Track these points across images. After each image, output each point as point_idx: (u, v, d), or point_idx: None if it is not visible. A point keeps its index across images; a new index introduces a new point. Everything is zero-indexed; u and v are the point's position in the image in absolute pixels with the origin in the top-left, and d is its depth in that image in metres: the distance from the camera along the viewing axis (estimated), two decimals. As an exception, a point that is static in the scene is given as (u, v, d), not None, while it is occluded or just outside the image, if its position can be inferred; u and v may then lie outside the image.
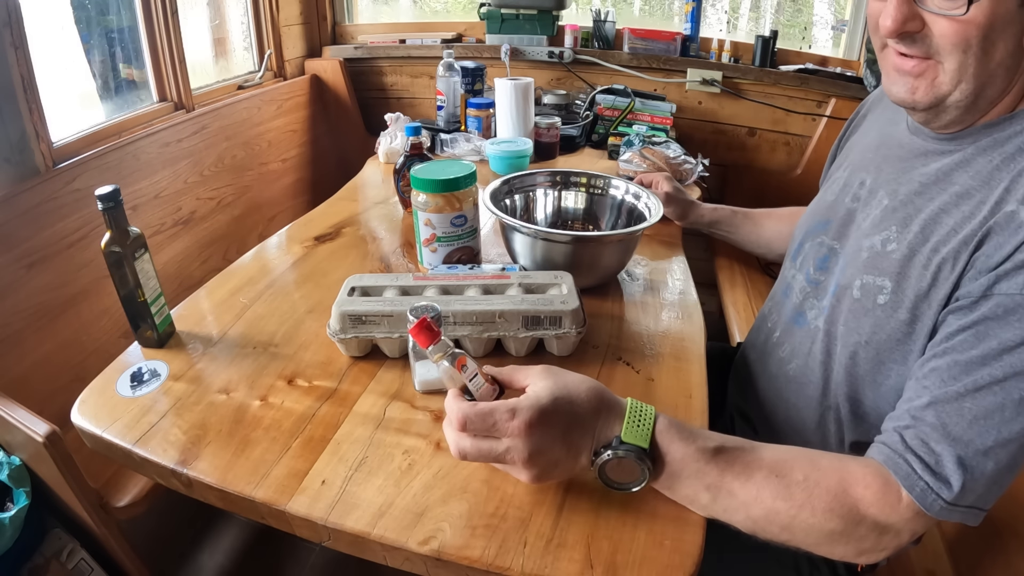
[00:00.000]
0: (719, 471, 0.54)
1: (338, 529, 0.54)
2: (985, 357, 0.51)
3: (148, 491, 1.02)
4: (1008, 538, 0.78)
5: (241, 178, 1.79)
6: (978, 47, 0.55)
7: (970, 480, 0.50)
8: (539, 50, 1.95)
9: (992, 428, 0.50)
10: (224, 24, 1.92)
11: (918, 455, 0.52)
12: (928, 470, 0.51)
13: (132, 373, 0.72)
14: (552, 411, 0.53)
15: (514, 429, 0.51)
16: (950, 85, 0.58)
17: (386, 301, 0.74)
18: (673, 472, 0.55)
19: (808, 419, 0.74)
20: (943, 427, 0.51)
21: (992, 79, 0.57)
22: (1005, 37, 0.54)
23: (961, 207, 0.58)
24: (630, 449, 0.53)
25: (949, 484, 0.50)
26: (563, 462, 0.54)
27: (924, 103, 0.60)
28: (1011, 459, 0.51)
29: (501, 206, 0.97)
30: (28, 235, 1.16)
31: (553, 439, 0.53)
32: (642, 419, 0.55)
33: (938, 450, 0.51)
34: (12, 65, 1.14)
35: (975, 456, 0.50)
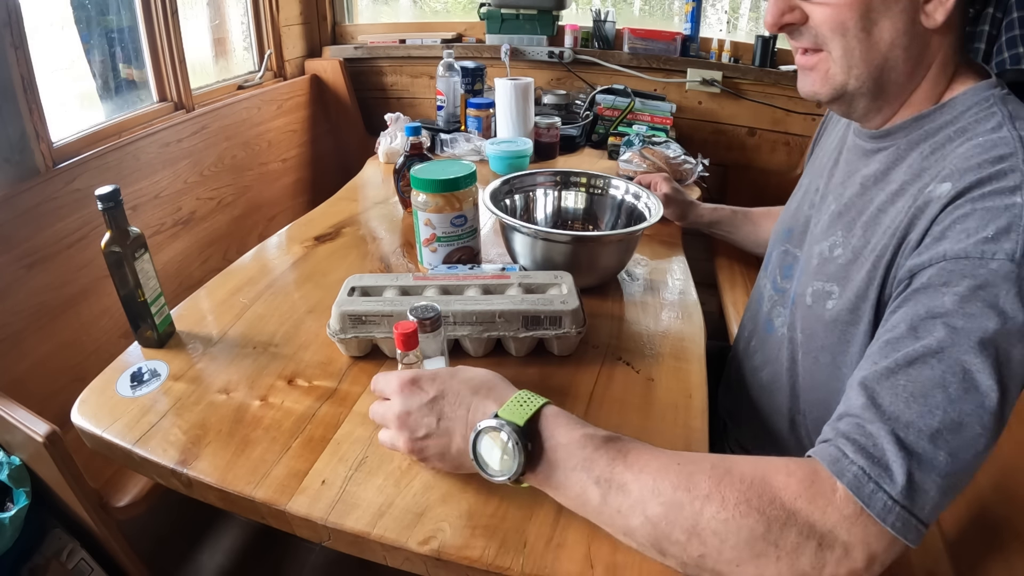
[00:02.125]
0: (609, 459, 0.46)
1: (338, 529, 0.54)
2: (915, 328, 0.45)
3: (148, 491, 1.02)
4: (1008, 538, 0.78)
5: (241, 178, 1.79)
6: (858, 29, 0.54)
7: (918, 471, 0.41)
8: (539, 50, 1.95)
9: (937, 408, 0.42)
10: (224, 24, 1.92)
11: (851, 438, 0.43)
12: (862, 452, 0.42)
13: (132, 373, 0.72)
14: (430, 378, 0.54)
15: (393, 387, 0.54)
16: (842, 73, 0.57)
17: (386, 301, 0.74)
18: (556, 461, 0.48)
19: (781, 427, 0.73)
20: (876, 407, 0.44)
21: (889, 62, 0.55)
22: (889, 16, 0.53)
23: (896, 204, 0.57)
24: (504, 424, 0.47)
25: (890, 471, 0.41)
26: (435, 435, 0.52)
27: (825, 95, 0.59)
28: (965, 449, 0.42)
29: (501, 206, 0.97)
30: (28, 235, 1.15)
31: (421, 404, 0.52)
32: (527, 402, 0.50)
33: (872, 431, 0.43)
34: (12, 65, 1.14)
35: (919, 440, 0.42)
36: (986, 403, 0.42)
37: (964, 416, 0.42)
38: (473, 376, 0.54)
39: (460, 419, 0.52)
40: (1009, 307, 0.43)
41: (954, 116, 0.55)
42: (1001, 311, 0.43)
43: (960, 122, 0.55)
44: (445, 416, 0.52)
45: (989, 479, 0.86)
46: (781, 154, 1.97)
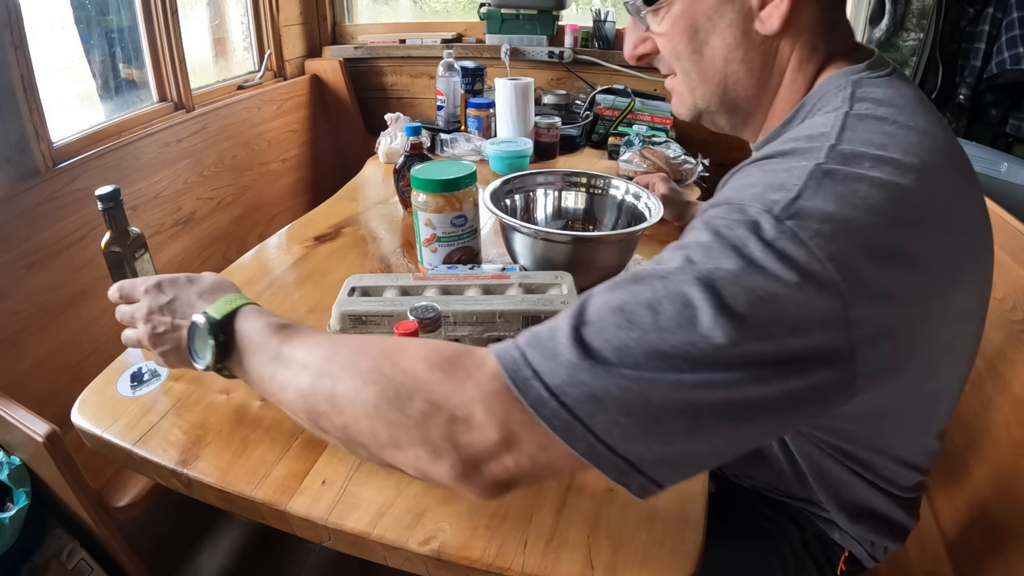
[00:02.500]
0: (280, 341, 0.49)
1: (338, 529, 0.54)
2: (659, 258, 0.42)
3: (148, 491, 1.02)
4: (1008, 538, 0.78)
5: (241, 178, 1.79)
6: (689, 51, 0.55)
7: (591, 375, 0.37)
8: (539, 50, 1.95)
9: (638, 327, 0.37)
10: (224, 24, 1.92)
11: (533, 330, 0.41)
12: (535, 342, 0.39)
13: (132, 373, 0.72)
14: (169, 283, 0.60)
15: (139, 290, 0.60)
16: (689, 94, 0.58)
17: (386, 301, 0.74)
18: (243, 348, 0.52)
19: None
20: (580, 312, 0.40)
21: (729, 77, 0.55)
22: (717, 32, 0.53)
23: None
24: (207, 317, 0.52)
25: (556, 355, 0.38)
26: (170, 333, 0.58)
27: (685, 115, 0.61)
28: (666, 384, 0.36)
29: (501, 206, 0.97)
30: (28, 235, 1.16)
31: (161, 305, 0.59)
32: (232, 300, 0.54)
33: (561, 326, 0.40)
34: (12, 65, 1.14)
35: (604, 347, 0.37)
36: (700, 343, 0.36)
37: (667, 346, 0.37)
38: (203, 281, 0.60)
39: (186, 317, 0.57)
40: (755, 253, 0.38)
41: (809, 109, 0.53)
42: (745, 255, 0.38)
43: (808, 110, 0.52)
44: (177, 315, 0.58)
45: (989, 479, 0.86)
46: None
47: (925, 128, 0.45)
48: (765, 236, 0.38)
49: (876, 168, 0.41)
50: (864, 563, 0.69)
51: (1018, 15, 1.41)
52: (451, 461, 0.40)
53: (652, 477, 0.38)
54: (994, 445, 0.86)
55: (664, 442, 0.37)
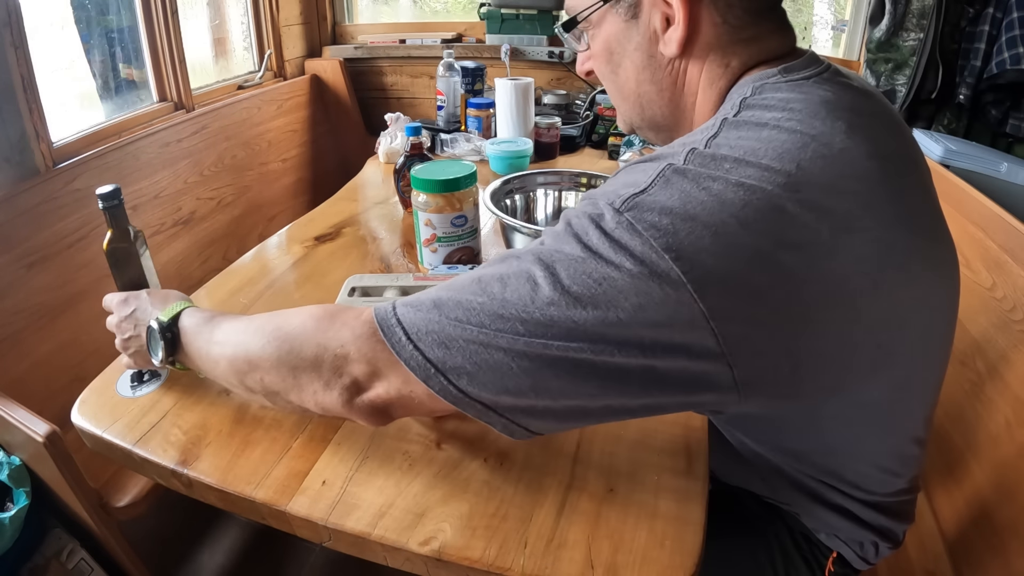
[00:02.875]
0: (212, 327, 0.59)
1: (338, 529, 0.54)
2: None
3: (148, 491, 1.02)
4: (1008, 538, 0.78)
5: (241, 178, 1.79)
6: (608, 72, 0.58)
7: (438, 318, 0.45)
8: (539, 50, 1.95)
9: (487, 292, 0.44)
10: (224, 24, 1.92)
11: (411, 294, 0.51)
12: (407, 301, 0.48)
13: (132, 373, 0.72)
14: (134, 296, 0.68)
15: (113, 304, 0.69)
16: (620, 112, 0.62)
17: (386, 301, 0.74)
18: (186, 341, 0.61)
19: None
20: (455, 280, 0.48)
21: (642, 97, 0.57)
22: (627, 56, 0.55)
23: None
24: (157, 320, 0.62)
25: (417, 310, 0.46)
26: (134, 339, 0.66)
27: (625, 130, 0.65)
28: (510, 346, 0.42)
29: (501, 206, 0.97)
30: (28, 235, 1.15)
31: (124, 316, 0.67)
32: (177, 305, 0.63)
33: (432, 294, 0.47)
34: (12, 65, 1.14)
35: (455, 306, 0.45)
36: (534, 303, 0.42)
37: (506, 308, 0.43)
38: (158, 294, 0.69)
39: (144, 324, 0.65)
40: (593, 240, 0.42)
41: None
42: (584, 242, 0.42)
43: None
44: (139, 323, 0.66)
45: (989, 479, 0.86)
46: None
47: (817, 133, 0.44)
48: (605, 226, 0.42)
49: (736, 171, 0.41)
50: (854, 564, 0.68)
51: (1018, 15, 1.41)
52: (338, 390, 0.50)
53: (514, 420, 0.46)
54: (994, 445, 0.86)
55: (511, 393, 0.44)
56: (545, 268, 0.43)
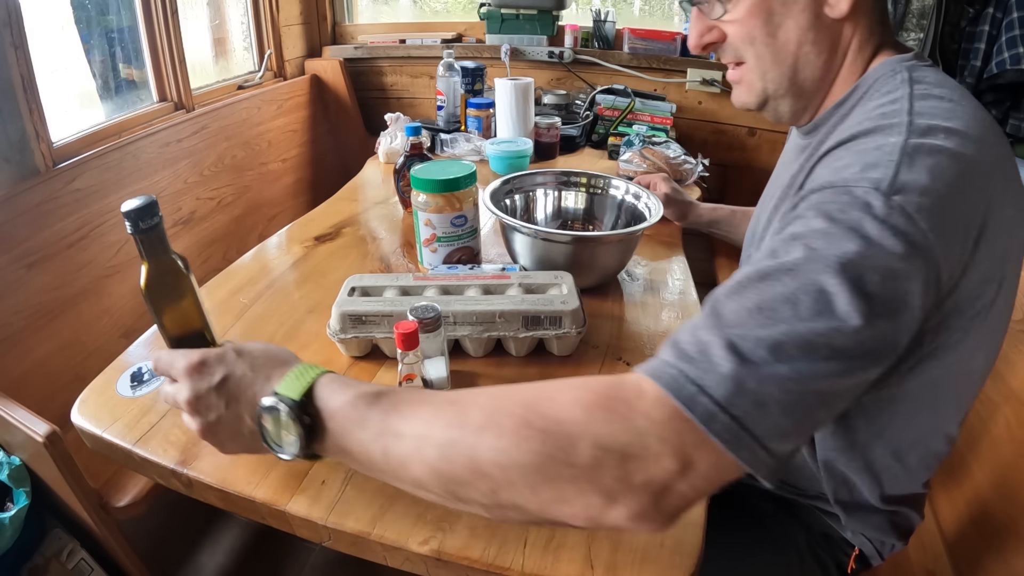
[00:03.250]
0: (383, 413, 0.44)
1: (338, 529, 0.54)
2: (775, 250, 0.43)
3: (148, 491, 1.02)
4: (1008, 538, 0.78)
5: (241, 178, 1.79)
6: (764, 35, 0.57)
7: (752, 379, 0.37)
8: (539, 50, 1.95)
9: (782, 322, 0.38)
10: (224, 24, 1.92)
11: (677, 346, 0.40)
12: (686, 357, 0.39)
13: (132, 373, 0.72)
14: (215, 359, 0.50)
15: (181, 368, 0.50)
16: (760, 80, 0.60)
17: (386, 301, 0.74)
18: (335, 428, 0.45)
19: None
20: (716, 316, 0.40)
21: (800, 60, 0.58)
22: (791, 16, 0.56)
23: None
24: (282, 399, 0.45)
25: (716, 373, 0.37)
26: (226, 418, 0.50)
27: (752, 104, 0.63)
28: (818, 372, 0.37)
29: (501, 206, 0.97)
30: (28, 235, 1.15)
31: (209, 387, 0.49)
32: (303, 374, 0.48)
33: (705, 338, 0.39)
34: (12, 65, 1.14)
35: (756, 348, 0.38)
36: (842, 327, 0.38)
37: (815, 335, 0.38)
38: (258, 353, 0.51)
39: (248, 400, 0.49)
40: (872, 232, 0.40)
41: (865, 90, 0.56)
42: (863, 235, 0.40)
43: (864, 91, 0.56)
44: (233, 398, 0.49)
45: (989, 479, 0.86)
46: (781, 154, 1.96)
47: (976, 106, 0.50)
48: (877, 214, 0.41)
49: (948, 139, 0.45)
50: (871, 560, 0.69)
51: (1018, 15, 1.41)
52: (628, 502, 0.37)
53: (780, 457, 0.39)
54: (994, 445, 0.86)
55: (804, 430, 0.40)
56: (836, 274, 0.39)
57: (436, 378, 0.68)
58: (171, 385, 0.52)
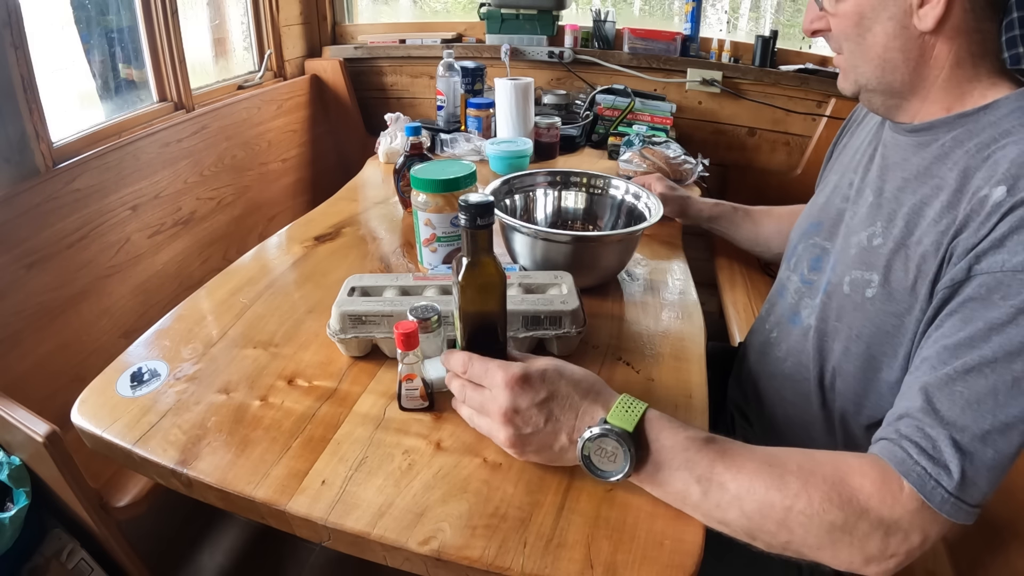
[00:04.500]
0: (709, 461, 0.52)
1: (338, 529, 0.54)
2: (973, 339, 0.50)
3: (148, 491, 1.02)
4: (1008, 538, 0.78)
5: (241, 178, 1.79)
6: (854, 34, 0.62)
7: (970, 467, 0.48)
8: (539, 50, 1.95)
9: (987, 412, 0.48)
10: (224, 24, 1.92)
11: (913, 441, 0.50)
12: (925, 455, 0.49)
13: (132, 373, 0.72)
14: (538, 377, 0.55)
15: (499, 380, 0.55)
16: (852, 72, 0.65)
17: (386, 301, 0.74)
18: (660, 461, 0.53)
19: (807, 416, 0.74)
20: (936, 412, 0.49)
21: (887, 63, 0.62)
22: (879, 22, 0.60)
23: (940, 198, 0.58)
24: (612, 430, 0.52)
25: (948, 470, 0.48)
26: (541, 433, 0.55)
27: (848, 90, 0.67)
28: (1009, 446, 0.48)
29: (501, 206, 0.97)
30: (28, 235, 1.16)
31: (533, 403, 0.54)
32: (632, 407, 0.54)
33: (933, 435, 0.49)
34: (12, 65, 1.14)
35: (972, 442, 0.48)
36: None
37: (1011, 418, 0.47)
38: (579, 378, 0.57)
39: (568, 421, 0.55)
40: None
41: (997, 118, 0.57)
42: None
43: (1004, 124, 0.56)
44: (554, 417, 0.54)
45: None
46: (781, 154, 1.97)
47: None
48: None
49: None
50: None
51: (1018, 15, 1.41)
52: (880, 563, 0.49)
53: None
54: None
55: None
56: None
57: (436, 378, 0.68)
58: (477, 391, 0.58)
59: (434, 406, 0.67)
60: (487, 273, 0.58)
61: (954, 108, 0.61)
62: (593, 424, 0.53)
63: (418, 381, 0.65)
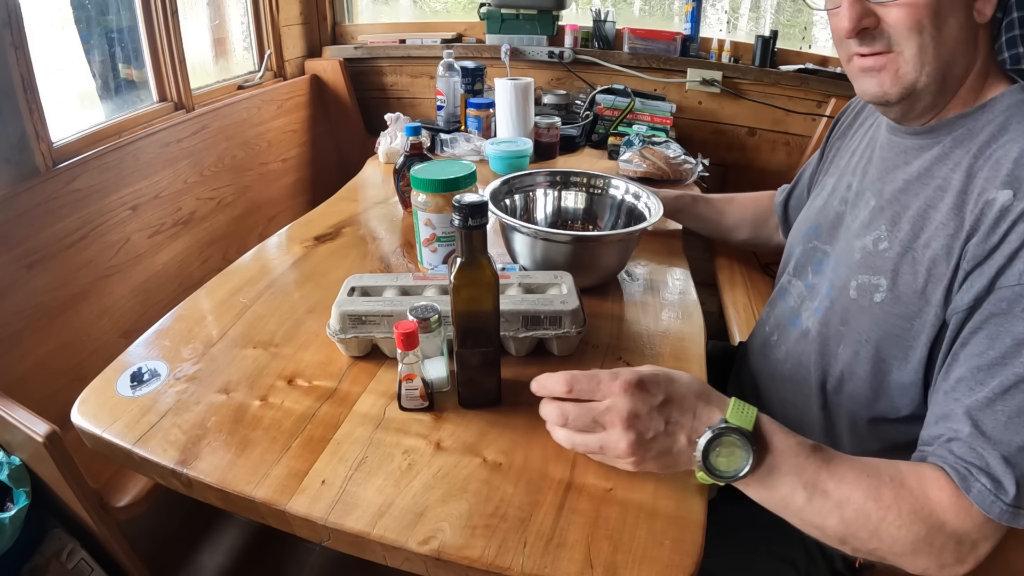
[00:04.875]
0: (816, 467, 0.53)
1: (338, 529, 0.54)
2: (1004, 356, 0.51)
3: (148, 491, 1.02)
4: (1008, 538, 0.78)
5: (241, 178, 1.79)
6: (931, 26, 0.56)
7: (1022, 478, 0.50)
8: (539, 50, 1.95)
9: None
10: (224, 24, 1.92)
11: (969, 461, 0.52)
12: (983, 472, 0.51)
13: (132, 373, 0.72)
14: (652, 381, 0.54)
15: (616, 387, 0.53)
16: (915, 71, 0.59)
17: (386, 301, 0.74)
18: (774, 464, 0.53)
19: (806, 418, 0.74)
20: (983, 435, 0.51)
21: (954, 57, 0.58)
22: (955, 12, 0.56)
23: (945, 200, 0.58)
24: (735, 429, 0.52)
25: (1002, 484, 0.50)
26: (661, 438, 0.54)
27: (895, 95, 0.61)
28: None
29: (501, 206, 0.97)
30: (28, 235, 1.16)
31: (651, 407, 0.53)
32: (745, 409, 0.54)
33: (985, 454, 0.51)
34: (12, 65, 1.14)
35: (1019, 453, 0.50)
36: None
37: None
38: (688, 380, 0.56)
39: (687, 422, 0.54)
40: None
41: (995, 115, 0.57)
42: None
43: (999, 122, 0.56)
44: (672, 420, 0.54)
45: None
46: (781, 154, 1.97)
47: None
48: None
49: None
50: None
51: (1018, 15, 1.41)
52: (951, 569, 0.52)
53: None
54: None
55: None
56: None
57: (436, 378, 0.68)
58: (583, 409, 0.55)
59: (434, 406, 0.67)
60: (481, 273, 0.58)
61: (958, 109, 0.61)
62: (712, 424, 0.53)
63: (418, 381, 0.65)
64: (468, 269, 0.58)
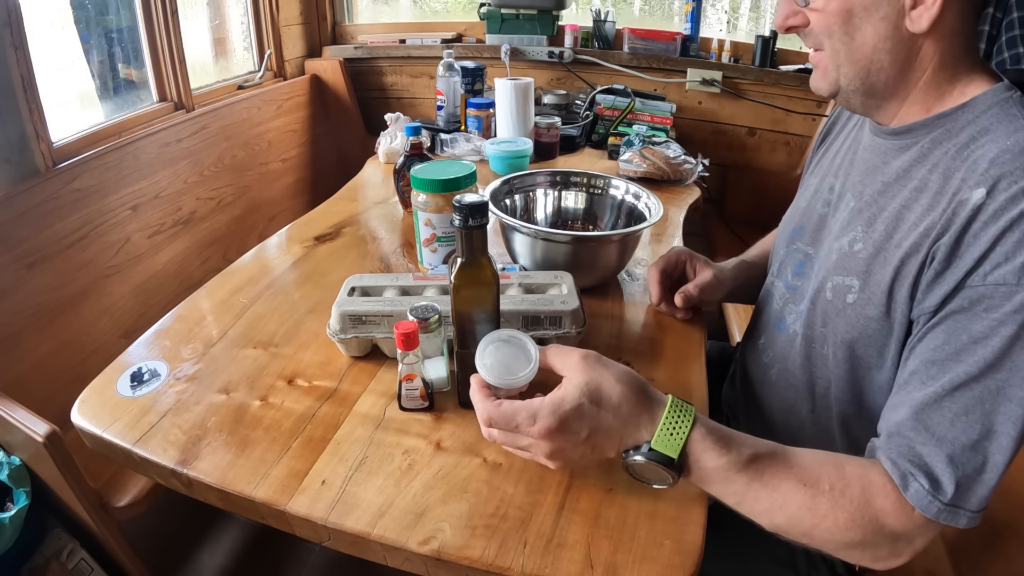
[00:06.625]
0: (747, 482, 0.53)
1: (338, 529, 0.54)
2: (959, 353, 0.51)
3: (148, 491, 1.02)
4: (1008, 538, 0.78)
5: (241, 178, 1.79)
6: (842, 32, 0.59)
7: (964, 478, 0.50)
8: (539, 50, 1.95)
9: (975, 422, 0.50)
10: (224, 24, 1.92)
11: (909, 459, 0.52)
12: (921, 471, 0.51)
13: (132, 373, 0.72)
14: (575, 417, 0.52)
15: (535, 432, 0.52)
16: (833, 70, 0.62)
17: (386, 301, 0.74)
18: (703, 479, 0.54)
19: (794, 421, 0.74)
20: (927, 430, 0.51)
21: (874, 64, 0.59)
22: (870, 22, 0.57)
23: (920, 200, 0.58)
24: (657, 459, 0.52)
25: (940, 484, 0.50)
26: (587, 457, 0.55)
27: (825, 89, 0.64)
28: (999, 449, 0.50)
29: (501, 206, 0.97)
30: (28, 235, 1.16)
31: (575, 443, 0.53)
32: (677, 427, 0.53)
33: (925, 452, 0.51)
34: (12, 65, 1.14)
35: (963, 452, 0.50)
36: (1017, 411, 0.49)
37: (997, 424, 0.49)
38: (618, 401, 0.53)
39: (613, 445, 0.54)
40: None
41: (975, 116, 0.57)
42: None
43: (982, 122, 0.56)
44: (598, 446, 0.54)
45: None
46: (781, 154, 1.97)
47: None
48: None
49: None
50: None
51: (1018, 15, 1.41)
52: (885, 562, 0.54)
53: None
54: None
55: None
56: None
57: (436, 378, 0.68)
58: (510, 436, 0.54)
59: (434, 406, 0.67)
60: (481, 273, 0.58)
61: (934, 109, 0.60)
62: (638, 445, 0.53)
63: (418, 381, 0.65)
64: (468, 269, 0.58)
